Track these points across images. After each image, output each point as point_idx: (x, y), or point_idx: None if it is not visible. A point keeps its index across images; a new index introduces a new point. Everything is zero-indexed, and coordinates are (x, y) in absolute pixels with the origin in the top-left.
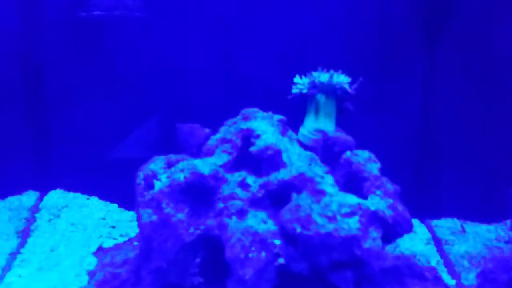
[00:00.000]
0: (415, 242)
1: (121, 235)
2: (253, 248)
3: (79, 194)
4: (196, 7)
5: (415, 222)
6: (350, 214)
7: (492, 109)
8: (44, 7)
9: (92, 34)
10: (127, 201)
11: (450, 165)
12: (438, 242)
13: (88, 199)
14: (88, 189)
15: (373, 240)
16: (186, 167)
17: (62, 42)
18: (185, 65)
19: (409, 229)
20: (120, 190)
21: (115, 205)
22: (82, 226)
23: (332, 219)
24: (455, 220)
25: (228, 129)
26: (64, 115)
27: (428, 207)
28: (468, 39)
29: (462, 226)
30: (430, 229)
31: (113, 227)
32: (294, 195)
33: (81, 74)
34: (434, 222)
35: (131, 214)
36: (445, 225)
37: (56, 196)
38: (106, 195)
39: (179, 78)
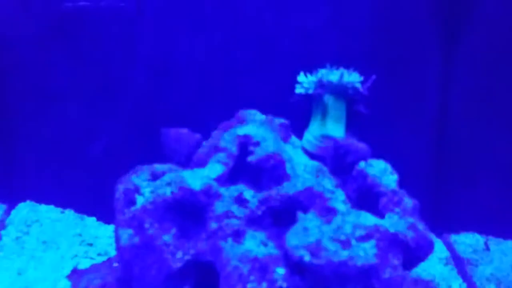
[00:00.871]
0: (432, 262)
1: (99, 254)
2: (252, 277)
3: (52, 206)
4: None
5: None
6: (366, 238)
7: None
8: None
9: (75, 26)
10: (106, 213)
11: (470, 173)
12: (459, 262)
13: (62, 212)
14: (62, 201)
15: (393, 268)
16: (173, 181)
17: (40, 35)
18: (174, 61)
19: (431, 251)
20: (99, 201)
21: (93, 218)
22: (55, 245)
23: (345, 244)
24: (476, 235)
25: (222, 135)
26: (36, 116)
27: (445, 219)
28: (490, 38)
29: (486, 243)
30: (449, 247)
31: (90, 244)
32: (301, 214)
33: (58, 72)
34: (453, 238)
35: (111, 228)
36: (465, 242)
37: (25, 210)
38: (83, 207)
39: (167, 75)
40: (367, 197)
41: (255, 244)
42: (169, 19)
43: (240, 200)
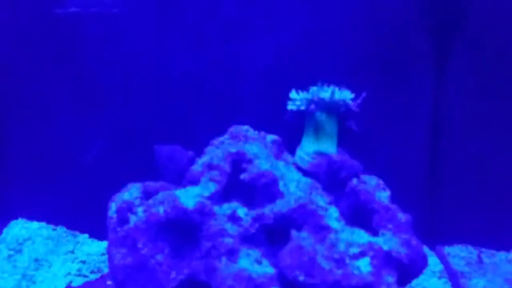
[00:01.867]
0: (426, 276)
1: (92, 272)
2: None
3: (44, 223)
4: (182, 6)
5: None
6: (360, 255)
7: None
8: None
9: (65, 33)
10: (99, 230)
11: (463, 185)
12: (453, 276)
13: (54, 229)
14: (54, 218)
15: (387, 286)
16: (166, 199)
17: (31, 42)
18: (167, 75)
19: (425, 266)
20: (91, 217)
21: (86, 235)
22: (48, 263)
23: (340, 262)
24: (469, 247)
25: (215, 152)
26: (25, 132)
27: (438, 232)
28: (483, 47)
29: (479, 256)
30: (443, 260)
31: (83, 262)
32: (294, 233)
33: (48, 81)
34: (446, 250)
35: (103, 245)
36: (459, 254)
37: (17, 227)
38: (75, 224)
39: (160, 90)
40: (360, 214)
41: (249, 262)
42: (163, 31)
43: (233, 218)
